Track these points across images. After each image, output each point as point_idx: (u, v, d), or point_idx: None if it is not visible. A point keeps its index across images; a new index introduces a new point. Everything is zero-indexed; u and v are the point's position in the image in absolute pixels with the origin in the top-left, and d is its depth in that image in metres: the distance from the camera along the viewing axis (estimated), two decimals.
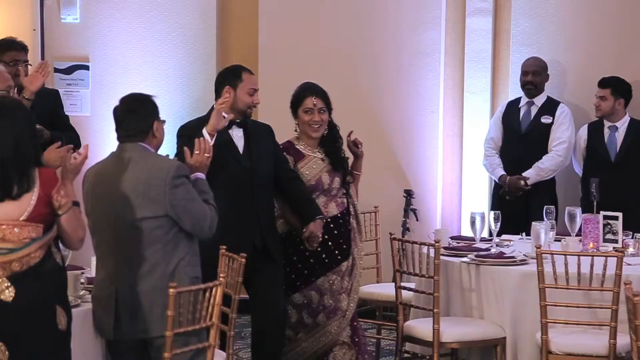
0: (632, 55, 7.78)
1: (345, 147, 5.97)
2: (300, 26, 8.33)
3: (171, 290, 4.18)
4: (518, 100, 7.69)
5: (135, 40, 8.48)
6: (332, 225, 5.76)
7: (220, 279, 4.50)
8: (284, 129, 5.89)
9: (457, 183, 8.19)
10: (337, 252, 5.76)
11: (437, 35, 8.20)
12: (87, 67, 8.41)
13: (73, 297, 4.50)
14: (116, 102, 4.71)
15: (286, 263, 5.70)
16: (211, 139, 5.10)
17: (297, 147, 5.81)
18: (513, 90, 7.88)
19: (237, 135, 5.53)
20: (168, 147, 5.14)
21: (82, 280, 4.82)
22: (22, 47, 6.40)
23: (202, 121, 5.34)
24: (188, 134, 5.29)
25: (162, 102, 4.78)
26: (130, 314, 4.48)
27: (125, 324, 4.49)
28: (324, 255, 5.73)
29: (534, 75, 7.60)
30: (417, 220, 7.92)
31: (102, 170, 4.65)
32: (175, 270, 4.49)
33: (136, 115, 4.61)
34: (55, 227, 4.09)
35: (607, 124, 7.46)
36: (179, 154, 5.07)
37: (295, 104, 5.80)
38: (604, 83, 7.41)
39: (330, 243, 5.74)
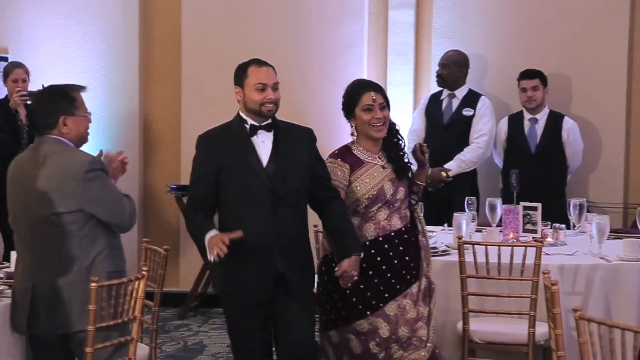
0: (549, 48, 7.90)
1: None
2: (224, 18, 8.30)
3: (92, 284, 4.15)
4: (440, 92, 7.76)
5: (55, 31, 8.37)
6: (396, 241, 4.92)
7: (143, 272, 4.47)
8: (210, 124, 5.79)
9: None
10: (404, 271, 4.91)
11: (361, 28, 8.24)
12: (5, 59, 8.27)
13: None
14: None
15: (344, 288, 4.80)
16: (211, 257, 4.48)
17: (355, 152, 4.98)
18: (435, 82, 7.95)
19: (263, 142, 4.64)
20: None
21: (1, 275, 4.77)
22: None
23: (222, 130, 4.69)
24: (204, 146, 4.69)
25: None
26: (47, 309, 4.44)
27: (43, 319, 4.45)
28: (389, 275, 4.88)
29: (442, 68, 7.69)
30: None
31: (19, 163, 4.60)
32: (92, 264, 4.45)
33: (42, 110, 4.56)
34: None
35: (527, 116, 7.57)
36: (195, 168, 4.65)
37: (350, 103, 4.95)
38: (532, 74, 7.51)
39: (396, 261, 4.90)
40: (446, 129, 7.57)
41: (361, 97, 4.92)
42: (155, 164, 8.51)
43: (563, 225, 6.11)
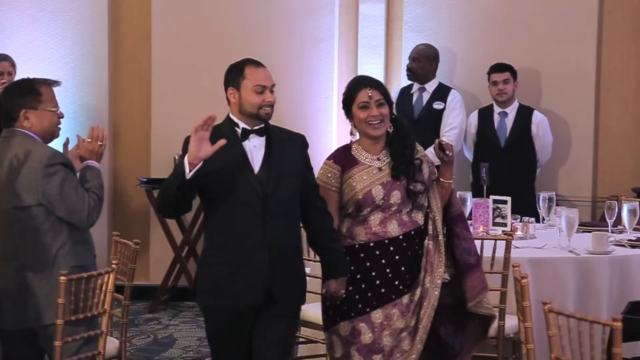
0: (519, 42, 7.94)
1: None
2: (194, 12, 8.27)
3: (62, 277, 4.13)
4: (411, 86, 7.78)
5: (24, 23, 8.31)
6: (391, 249, 4.58)
7: (112, 265, 4.45)
8: (180, 117, 5.74)
9: None
10: (397, 282, 4.58)
11: (331, 21, 8.23)
12: None
13: None
14: None
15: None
16: (192, 171, 4.09)
17: (353, 152, 4.69)
18: (406, 76, 7.96)
19: (255, 147, 4.36)
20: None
21: None
22: None
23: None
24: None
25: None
26: (11, 303, 4.41)
27: (7, 313, 4.42)
28: (378, 282, 4.56)
29: (412, 62, 7.72)
30: None
31: None
32: (55, 259, 4.42)
33: (8, 102, 4.54)
34: None
35: (497, 109, 7.60)
36: (177, 166, 4.20)
37: (348, 101, 4.68)
38: (502, 67, 7.54)
39: (388, 270, 4.57)
40: (417, 123, 7.57)
41: (357, 94, 4.64)
42: (125, 157, 8.48)
43: (532, 219, 6.14)
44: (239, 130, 4.34)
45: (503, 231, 5.91)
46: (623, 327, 3.73)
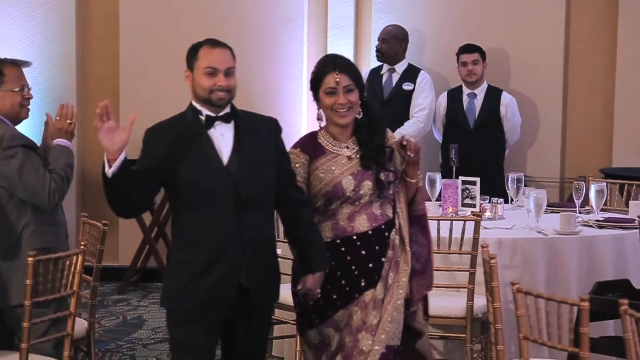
0: (487, 24, 7.96)
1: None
2: None
3: (29, 259, 4.11)
4: (380, 67, 7.78)
5: None
6: (358, 244, 4.22)
7: (81, 246, 4.43)
8: (148, 97, 5.68)
9: None
10: (362, 279, 4.21)
11: (300, 2, 8.21)
12: None
13: None
14: None
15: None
16: (114, 167, 3.71)
17: (320, 140, 4.30)
18: (375, 57, 7.96)
19: (222, 135, 3.95)
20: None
21: None
22: None
23: (173, 122, 3.98)
24: (151, 140, 3.94)
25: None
26: None
27: None
28: (343, 282, 4.20)
29: (382, 43, 7.73)
30: None
31: None
32: (18, 241, 4.42)
33: None
34: None
35: (465, 91, 7.62)
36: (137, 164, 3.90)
37: (315, 84, 4.26)
38: (471, 48, 7.56)
39: (353, 267, 4.21)
40: (386, 104, 7.58)
41: (324, 78, 4.21)
42: (93, 139, 8.35)
43: (501, 200, 6.17)
44: (203, 118, 3.93)
45: (472, 212, 5.92)
46: (590, 307, 3.76)
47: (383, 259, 4.22)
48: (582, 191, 6.06)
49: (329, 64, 4.24)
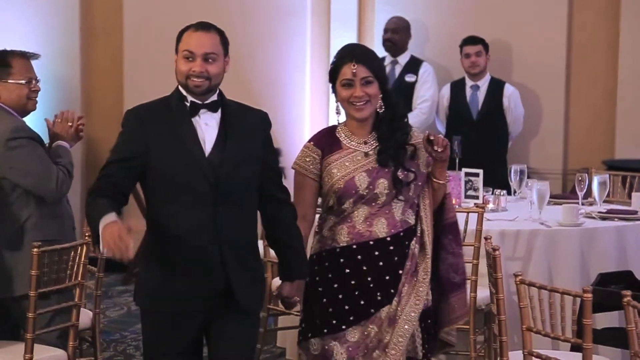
0: (490, 15, 7.97)
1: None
2: None
3: (34, 249, 4.13)
4: (382, 59, 7.78)
5: None
6: (376, 253, 3.90)
7: (86, 238, 4.45)
8: (152, 90, 5.65)
9: None
10: (379, 292, 3.90)
11: None
12: None
13: None
14: None
15: (309, 297, 3.97)
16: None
17: (338, 135, 4.02)
18: (378, 49, 7.93)
19: (207, 125, 3.70)
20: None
21: None
22: None
23: (156, 106, 3.77)
24: (132, 122, 3.73)
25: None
26: None
27: None
28: (357, 293, 3.90)
29: (393, 33, 7.75)
30: (284, 178, 7.96)
31: None
32: (21, 232, 4.43)
33: None
34: None
35: (469, 83, 7.63)
36: (115, 147, 3.75)
37: (332, 75, 4.00)
38: (474, 40, 7.56)
39: (370, 278, 3.90)
40: None
41: (341, 69, 3.94)
42: (98, 130, 8.44)
43: (504, 191, 6.18)
44: (188, 105, 3.70)
45: (475, 204, 5.93)
46: (593, 299, 3.78)
47: (400, 272, 3.90)
48: (584, 183, 6.06)
49: (347, 55, 3.97)
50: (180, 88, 3.74)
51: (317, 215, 4.10)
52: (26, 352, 4.17)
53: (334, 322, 3.91)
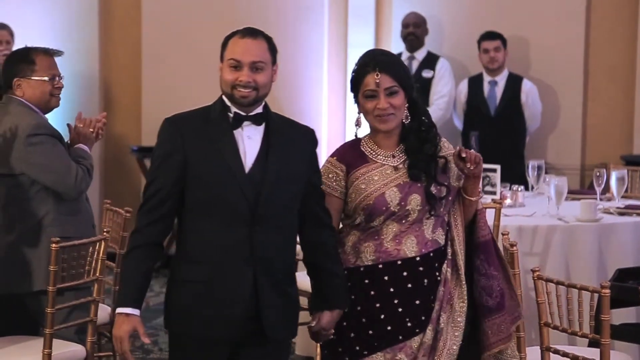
0: (507, 10, 7.95)
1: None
2: None
3: (53, 245, 4.15)
4: (399, 55, 7.78)
5: None
6: (405, 274, 3.62)
7: (104, 233, 4.47)
8: (169, 85, 5.66)
9: (341, 136, 8.27)
10: (408, 318, 3.61)
11: None
12: None
13: None
14: None
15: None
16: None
17: (363, 148, 3.71)
18: (395, 44, 7.97)
19: (250, 138, 3.47)
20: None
21: None
22: None
23: (197, 115, 3.50)
24: (171, 133, 3.48)
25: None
26: None
27: None
28: (383, 317, 3.61)
29: (415, 27, 7.76)
30: None
31: None
32: (38, 227, 4.44)
33: (4, 71, 4.58)
34: None
35: (486, 78, 7.62)
36: (155, 161, 3.50)
37: (354, 86, 3.69)
38: (493, 35, 7.56)
39: (397, 301, 3.61)
40: None
41: (363, 79, 3.64)
42: (117, 125, 8.47)
43: (522, 187, 6.17)
44: (231, 116, 3.47)
45: (492, 199, 5.92)
46: (611, 294, 3.77)
47: (432, 297, 3.62)
48: (602, 178, 6.05)
49: (369, 62, 3.65)
50: (224, 98, 3.50)
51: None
52: (45, 347, 4.18)
53: (357, 348, 3.64)
